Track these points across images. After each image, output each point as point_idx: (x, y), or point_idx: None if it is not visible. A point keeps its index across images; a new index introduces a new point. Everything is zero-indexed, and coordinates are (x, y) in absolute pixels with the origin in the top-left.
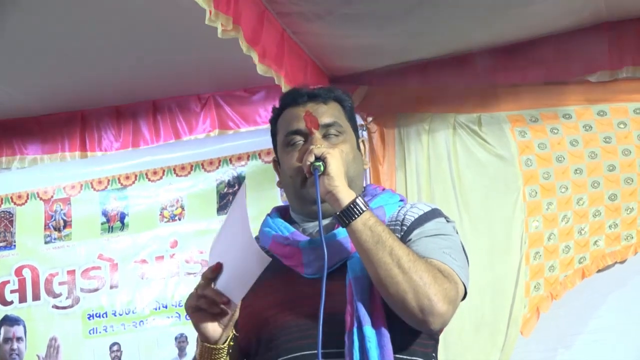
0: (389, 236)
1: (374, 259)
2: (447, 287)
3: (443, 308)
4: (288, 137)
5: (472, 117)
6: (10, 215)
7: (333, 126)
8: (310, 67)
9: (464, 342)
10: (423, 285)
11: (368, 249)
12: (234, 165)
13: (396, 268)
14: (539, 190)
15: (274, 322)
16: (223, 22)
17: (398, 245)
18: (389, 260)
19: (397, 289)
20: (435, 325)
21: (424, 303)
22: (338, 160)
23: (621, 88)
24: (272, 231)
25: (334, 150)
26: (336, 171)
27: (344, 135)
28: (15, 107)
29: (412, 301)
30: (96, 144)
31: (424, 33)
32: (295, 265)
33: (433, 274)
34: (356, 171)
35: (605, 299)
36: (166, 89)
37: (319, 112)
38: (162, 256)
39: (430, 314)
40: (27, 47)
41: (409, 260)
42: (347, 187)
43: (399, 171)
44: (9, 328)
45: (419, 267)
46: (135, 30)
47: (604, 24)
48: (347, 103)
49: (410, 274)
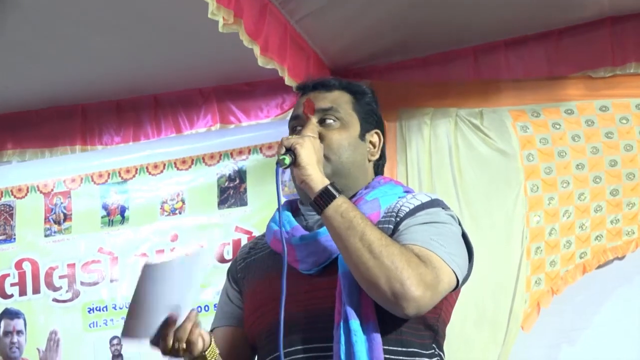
0: (361, 221)
1: (346, 245)
2: (422, 272)
3: (416, 293)
4: (290, 124)
5: (473, 111)
6: (10, 208)
7: (329, 111)
8: (312, 60)
9: (464, 337)
10: (394, 270)
11: (339, 235)
12: (234, 159)
13: (367, 253)
14: (541, 185)
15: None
16: (225, 16)
17: (370, 230)
18: (359, 245)
19: (369, 274)
20: (409, 310)
21: (396, 287)
22: (308, 149)
23: (624, 83)
24: (275, 226)
25: (304, 139)
26: (306, 160)
27: (342, 122)
28: (15, 100)
29: (384, 286)
30: (97, 138)
31: (426, 27)
32: (292, 261)
33: (407, 258)
34: (351, 159)
35: (606, 294)
36: (167, 83)
37: (319, 99)
38: (162, 250)
39: (403, 298)
40: (27, 41)
41: (380, 244)
42: (321, 175)
43: (400, 165)
44: (9, 321)
45: (391, 251)
46: (137, 23)
47: (607, 18)
48: (359, 94)
49: (381, 258)
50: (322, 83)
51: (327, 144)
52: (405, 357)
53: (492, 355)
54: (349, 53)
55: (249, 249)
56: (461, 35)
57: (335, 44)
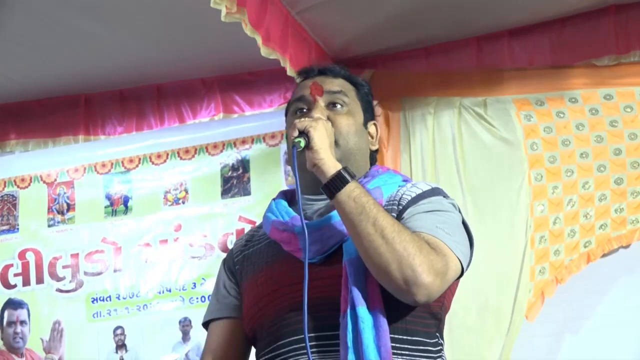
0: (373, 207)
1: (358, 230)
2: (433, 259)
3: (427, 279)
4: (292, 106)
5: (477, 100)
6: (13, 198)
7: (339, 94)
8: (314, 50)
9: (468, 327)
10: (407, 256)
11: (352, 220)
12: (238, 149)
13: (380, 238)
14: (545, 174)
15: (274, 307)
16: (227, 5)
17: (383, 216)
18: (372, 230)
19: (381, 259)
20: (419, 296)
21: (408, 274)
22: (322, 132)
23: (628, 72)
24: (272, 216)
25: (317, 123)
26: (320, 144)
27: (349, 108)
28: (18, 91)
29: (395, 272)
30: (100, 128)
31: (429, 16)
32: (293, 250)
33: (418, 244)
34: (358, 145)
35: (610, 283)
36: (170, 73)
37: (326, 82)
38: (166, 240)
39: (414, 284)
40: (29, 31)
41: (393, 230)
42: (334, 159)
43: (404, 155)
44: (12, 311)
45: (403, 237)
46: (139, 13)
47: (611, 7)
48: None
49: (393, 244)
50: (330, 69)
51: (336, 128)
52: (410, 345)
53: (496, 344)
54: (351, 43)
55: (246, 241)
56: (465, 24)
57: (337, 34)
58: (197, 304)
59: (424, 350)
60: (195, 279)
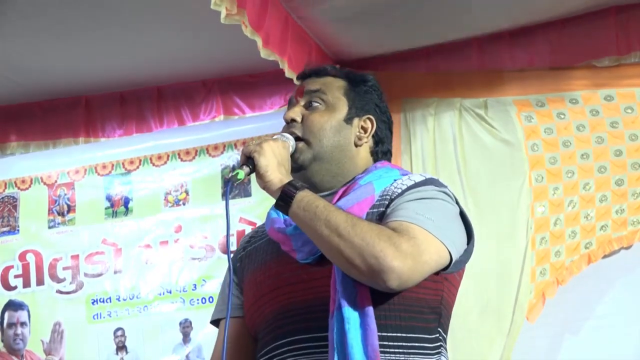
0: (323, 209)
1: (316, 236)
2: (396, 242)
3: (393, 263)
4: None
5: (478, 101)
6: (14, 200)
7: (316, 93)
8: (315, 51)
9: (469, 328)
10: (366, 246)
11: (308, 228)
12: (238, 151)
13: (336, 237)
14: (545, 175)
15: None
16: (228, 6)
17: (335, 214)
18: (327, 232)
19: (344, 257)
20: (391, 282)
21: (372, 262)
22: (267, 154)
23: (628, 73)
24: (274, 214)
25: (262, 146)
26: (265, 167)
27: (327, 104)
28: (18, 93)
29: (361, 265)
30: (100, 130)
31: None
32: (289, 250)
33: (377, 232)
34: (334, 142)
35: (611, 284)
36: (170, 74)
37: (309, 83)
38: (166, 241)
39: (381, 271)
40: (30, 33)
41: (347, 225)
42: (280, 176)
43: (405, 155)
44: (13, 313)
45: (359, 229)
46: (139, 15)
47: (611, 8)
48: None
49: (350, 238)
50: (316, 70)
51: (307, 125)
52: (405, 342)
53: (497, 345)
54: (352, 45)
55: (250, 237)
56: (465, 25)
57: (338, 36)
58: (197, 306)
59: (422, 347)
60: (195, 280)
